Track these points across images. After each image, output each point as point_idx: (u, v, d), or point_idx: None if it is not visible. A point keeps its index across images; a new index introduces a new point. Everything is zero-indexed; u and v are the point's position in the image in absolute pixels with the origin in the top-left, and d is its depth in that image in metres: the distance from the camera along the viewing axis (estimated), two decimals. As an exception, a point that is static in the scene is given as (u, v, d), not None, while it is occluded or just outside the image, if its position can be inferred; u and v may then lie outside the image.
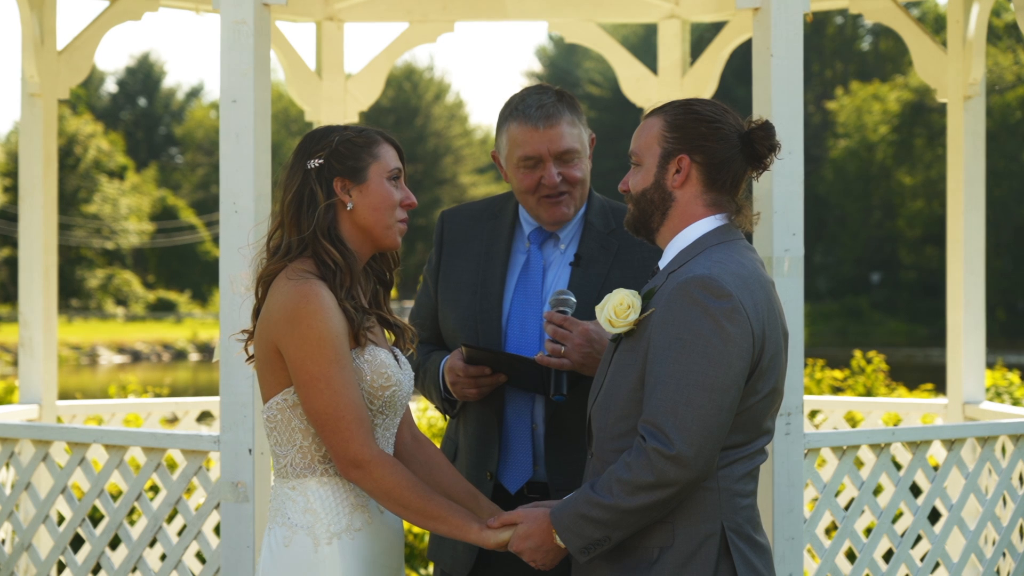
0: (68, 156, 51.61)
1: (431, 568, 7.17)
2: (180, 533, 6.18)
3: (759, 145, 3.19)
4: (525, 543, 3.18)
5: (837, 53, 55.39)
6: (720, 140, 3.18)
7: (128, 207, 54.52)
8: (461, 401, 3.85)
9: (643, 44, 44.53)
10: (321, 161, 3.32)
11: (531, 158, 3.77)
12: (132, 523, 6.78)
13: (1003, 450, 5.43)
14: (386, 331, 3.48)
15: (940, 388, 8.82)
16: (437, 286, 3.98)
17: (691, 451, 2.96)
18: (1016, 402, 8.99)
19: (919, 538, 6.04)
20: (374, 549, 3.31)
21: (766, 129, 3.20)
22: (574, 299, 3.65)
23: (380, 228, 3.35)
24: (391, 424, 3.38)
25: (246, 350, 3.44)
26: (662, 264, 3.23)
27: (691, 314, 3.02)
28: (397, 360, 3.41)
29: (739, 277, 3.08)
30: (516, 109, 3.80)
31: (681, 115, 3.20)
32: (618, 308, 3.15)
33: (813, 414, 7.69)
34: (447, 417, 3.98)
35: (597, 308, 3.20)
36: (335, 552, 3.24)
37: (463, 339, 3.82)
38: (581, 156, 3.81)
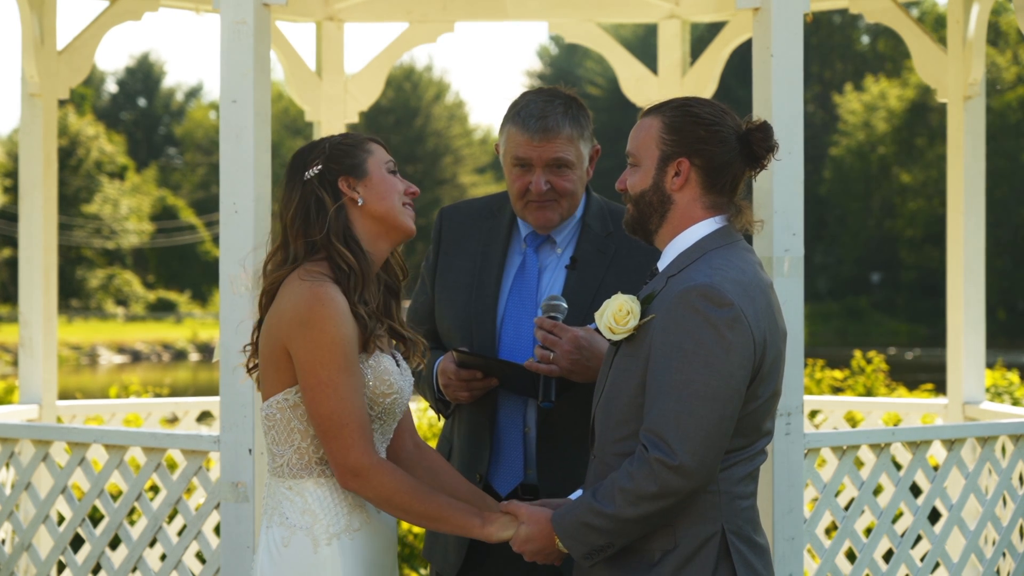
0: (70, 157, 51.61)
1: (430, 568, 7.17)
2: (180, 533, 6.17)
3: (757, 147, 3.18)
4: (527, 546, 3.19)
5: (836, 53, 55.37)
6: (719, 143, 3.17)
7: (128, 207, 54.52)
8: (454, 403, 3.85)
9: (643, 44, 44.52)
10: (320, 167, 3.33)
11: (522, 160, 3.77)
12: (132, 523, 6.78)
13: (1003, 450, 5.43)
14: (395, 341, 3.47)
15: (940, 388, 8.82)
16: (434, 284, 3.98)
17: (694, 462, 2.96)
18: (1016, 402, 8.99)
19: (919, 538, 6.04)
20: (372, 549, 3.31)
21: (764, 130, 3.19)
22: (565, 305, 3.64)
23: (393, 215, 3.35)
24: (388, 430, 3.38)
25: (246, 365, 3.42)
26: (661, 266, 3.21)
27: (692, 323, 3.01)
28: (399, 365, 3.40)
29: (740, 284, 3.07)
30: (518, 114, 3.78)
31: (679, 117, 3.18)
32: (617, 315, 3.14)
33: (813, 414, 7.69)
34: (440, 417, 3.99)
35: (596, 315, 3.19)
36: (335, 552, 3.24)
37: (458, 340, 3.82)
38: (575, 167, 3.78)
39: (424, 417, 8.46)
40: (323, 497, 3.27)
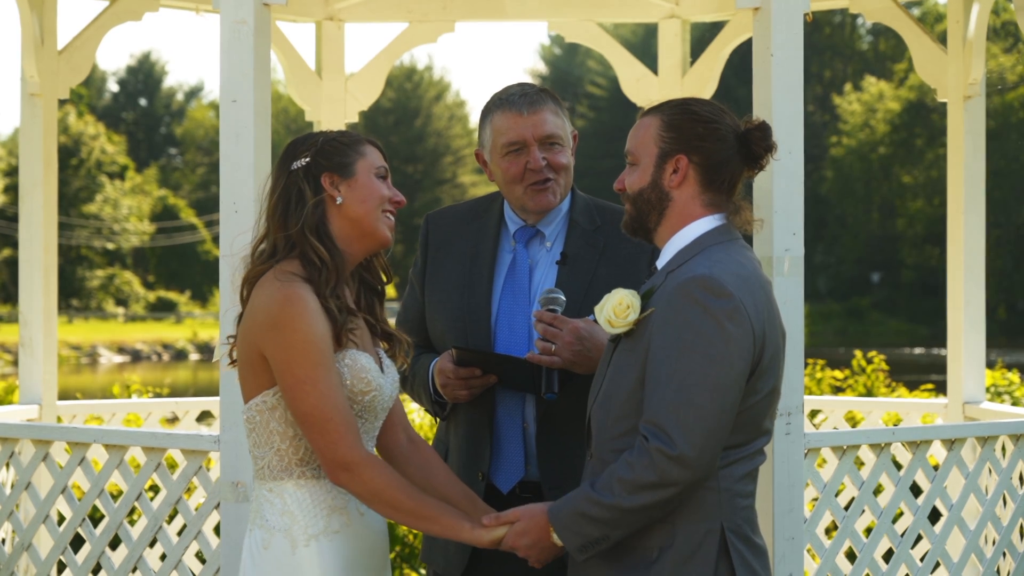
0: (71, 157, 51.63)
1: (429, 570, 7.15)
2: (180, 533, 6.17)
3: (756, 146, 3.19)
4: (521, 539, 3.17)
5: (836, 52, 55.35)
6: (717, 141, 3.18)
7: (129, 207, 54.55)
8: (451, 403, 3.85)
9: (643, 44, 44.52)
10: (308, 160, 3.32)
11: (516, 143, 3.80)
12: (132, 523, 6.78)
13: (1003, 450, 5.42)
14: (381, 341, 3.47)
15: (940, 388, 8.82)
16: (424, 288, 3.98)
17: (694, 452, 2.97)
18: (1016, 402, 8.99)
19: (919, 538, 6.03)
20: (354, 551, 3.29)
21: (763, 130, 3.20)
22: (563, 298, 3.66)
23: (369, 221, 3.33)
24: (371, 428, 3.37)
25: (230, 355, 3.42)
26: (660, 263, 3.22)
27: (692, 314, 3.01)
28: (380, 364, 3.39)
29: (739, 277, 3.08)
30: (500, 100, 3.85)
31: (678, 115, 3.20)
32: (617, 308, 3.15)
33: (813, 414, 7.69)
34: (437, 419, 3.98)
35: (596, 308, 3.20)
36: (313, 554, 3.23)
37: (452, 340, 3.82)
38: (565, 143, 3.85)
39: (426, 417, 8.46)
40: (302, 499, 3.26)
